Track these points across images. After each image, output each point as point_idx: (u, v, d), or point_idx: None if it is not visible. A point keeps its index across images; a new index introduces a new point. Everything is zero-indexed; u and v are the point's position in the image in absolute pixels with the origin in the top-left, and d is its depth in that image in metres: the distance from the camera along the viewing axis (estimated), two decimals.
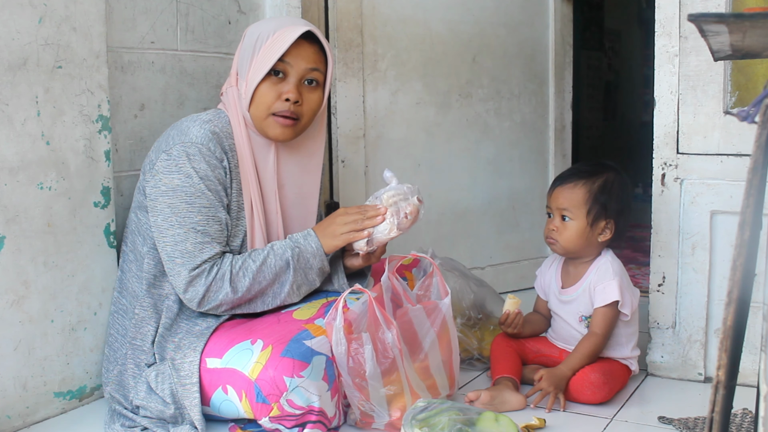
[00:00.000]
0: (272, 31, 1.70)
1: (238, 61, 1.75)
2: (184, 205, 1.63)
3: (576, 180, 1.90)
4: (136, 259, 1.74)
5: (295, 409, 1.53)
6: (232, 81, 1.76)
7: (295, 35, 1.67)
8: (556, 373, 1.83)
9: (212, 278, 1.63)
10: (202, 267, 1.63)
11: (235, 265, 1.65)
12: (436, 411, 1.51)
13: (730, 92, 1.91)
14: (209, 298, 1.64)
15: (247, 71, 1.70)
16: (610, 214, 1.89)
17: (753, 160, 0.97)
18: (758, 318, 1.81)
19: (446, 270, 2.15)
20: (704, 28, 1.00)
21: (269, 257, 1.67)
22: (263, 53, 1.68)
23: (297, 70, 1.69)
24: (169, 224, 1.63)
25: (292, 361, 1.53)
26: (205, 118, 1.71)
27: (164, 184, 1.64)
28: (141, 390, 1.66)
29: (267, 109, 1.69)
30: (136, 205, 1.76)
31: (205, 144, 1.65)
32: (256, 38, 1.70)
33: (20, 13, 1.63)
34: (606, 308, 1.87)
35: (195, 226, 1.63)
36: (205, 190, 1.64)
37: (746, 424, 1.65)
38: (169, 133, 1.71)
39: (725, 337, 0.97)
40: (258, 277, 1.66)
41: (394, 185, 1.74)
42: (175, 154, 1.64)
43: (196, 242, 1.63)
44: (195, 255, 1.63)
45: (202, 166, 1.64)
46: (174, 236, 1.63)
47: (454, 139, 2.70)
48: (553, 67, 2.94)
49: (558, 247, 1.92)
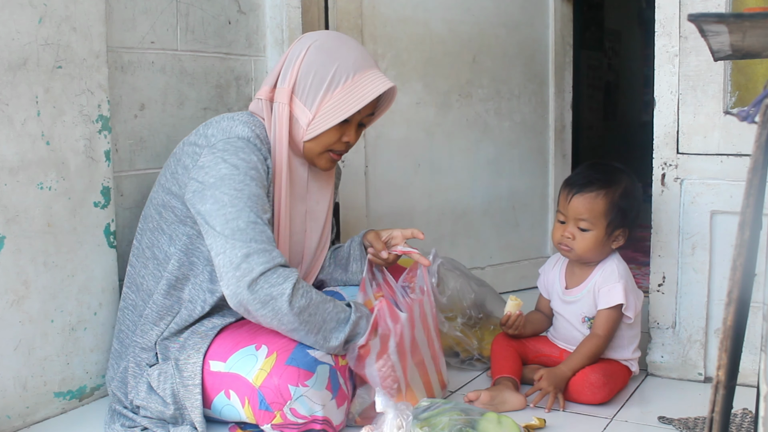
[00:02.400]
0: (351, 70, 1.67)
1: (296, 79, 1.69)
2: (234, 192, 1.58)
3: (596, 189, 1.86)
4: (155, 257, 1.71)
5: (298, 418, 1.53)
6: (282, 97, 1.70)
7: (379, 91, 1.67)
8: (556, 372, 1.83)
9: (272, 268, 1.53)
10: (258, 246, 1.53)
11: (301, 281, 1.56)
12: (438, 411, 1.50)
13: (730, 92, 1.91)
14: (262, 285, 1.51)
15: (316, 104, 1.67)
16: (627, 222, 1.89)
17: (753, 160, 0.97)
18: (758, 318, 1.81)
19: (447, 270, 2.15)
20: (704, 28, 1.00)
21: (330, 303, 1.59)
22: (340, 96, 1.66)
23: (361, 116, 1.73)
24: (219, 205, 1.56)
25: (297, 370, 1.53)
26: (243, 119, 1.68)
27: (212, 176, 1.59)
28: (141, 390, 1.66)
29: (326, 147, 1.72)
30: (159, 202, 1.71)
31: (252, 140, 1.64)
32: (332, 72, 1.66)
33: (20, 13, 1.63)
34: (610, 310, 1.87)
35: (245, 208, 1.56)
36: (254, 177, 1.60)
37: (746, 424, 1.65)
38: (204, 132, 1.68)
39: (725, 337, 0.97)
40: (312, 309, 1.56)
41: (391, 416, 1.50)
42: (220, 147, 1.62)
43: (249, 221, 1.55)
44: (249, 233, 1.54)
45: (251, 157, 1.62)
46: (226, 215, 1.56)
47: (454, 139, 2.70)
48: (553, 67, 2.94)
49: (572, 254, 1.90)
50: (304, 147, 1.72)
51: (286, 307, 1.52)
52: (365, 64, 1.70)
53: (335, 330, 1.58)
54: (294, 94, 1.70)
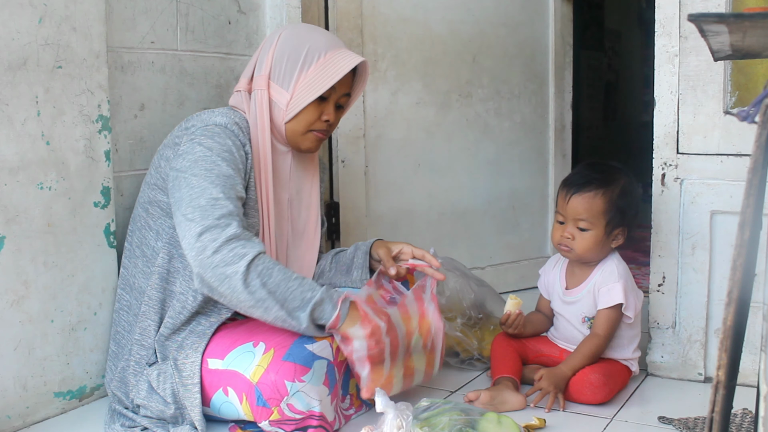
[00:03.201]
0: (323, 49, 1.72)
1: (271, 65, 1.73)
2: (204, 172, 1.59)
3: (594, 189, 1.86)
4: (144, 255, 1.73)
5: (296, 413, 1.53)
6: (261, 84, 1.73)
7: (352, 64, 1.71)
8: (556, 372, 1.83)
9: (228, 243, 1.50)
10: (211, 222, 1.52)
11: (263, 258, 1.52)
12: (438, 411, 1.50)
13: (730, 92, 1.91)
14: (215, 268, 1.49)
15: (292, 84, 1.71)
16: (625, 221, 1.89)
17: (753, 160, 0.97)
18: (758, 318, 1.81)
19: (446, 270, 2.15)
20: (704, 28, 1.00)
21: (295, 280, 1.54)
22: (315, 73, 1.70)
23: (338, 94, 1.76)
24: (188, 187, 1.57)
25: (294, 366, 1.53)
26: (224, 111, 1.72)
27: (187, 160, 1.62)
28: (142, 389, 1.66)
29: (307, 126, 1.74)
30: (145, 200, 1.74)
31: (229, 126, 1.67)
32: (304, 51, 1.71)
33: (20, 13, 1.63)
34: (609, 310, 1.87)
35: (211, 186, 1.56)
36: (226, 159, 1.62)
37: (746, 424, 1.65)
38: (185, 125, 1.72)
39: (725, 337, 0.97)
40: (272, 286, 1.52)
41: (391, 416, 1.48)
42: (198, 133, 1.65)
43: (211, 198, 1.55)
44: (208, 210, 1.53)
45: (226, 141, 1.65)
46: (190, 196, 1.56)
47: (454, 139, 2.70)
48: (553, 67, 2.94)
49: (572, 254, 1.91)
50: (287, 129, 1.74)
51: (241, 285, 1.49)
52: (335, 45, 1.76)
53: (299, 309, 1.53)
54: (271, 80, 1.74)
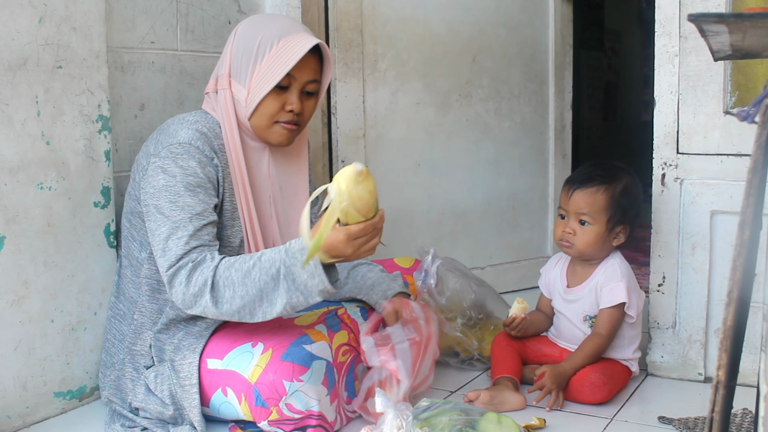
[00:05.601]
0: (275, 37, 1.66)
1: (230, 62, 1.70)
2: (168, 204, 1.58)
3: (597, 185, 1.88)
4: (131, 265, 1.73)
5: (294, 413, 1.53)
6: (223, 83, 1.70)
7: (304, 50, 1.63)
8: (559, 370, 1.82)
9: (192, 280, 1.52)
10: (179, 263, 1.54)
11: (219, 272, 1.52)
12: (438, 411, 1.50)
13: (730, 92, 1.91)
14: (192, 303, 1.53)
15: (248, 79, 1.67)
16: (627, 219, 1.90)
17: (753, 160, 0.97)
18: (758, 318, 1.81)
19: (447, 270, 2.15)
20: (704, 28, 1.00)
21: (254, 269, 1.51)
22: (268, 64, 1.65)
23: (300, 82, 1.68)
24: (156, 225, 1.58)
25: (292, 365, 1.53)
26: (191, 119, 1.68)
27: (152, 186, 1.60)
28: (139, 392, 1.66)
29: (270, 119, 1.69)
30: (128, 210, 1.74)
31: (193, 143, 1.62)
32: (257, 43, 1.66)
33: (20, 13, 1.63)
34: (612, 309, 1.87)
35: (177, 223, 1.57)
36: (190, 186, 1.59)
37: (746, 424, 1.65)
38: (156, 137, 1.68)
39: (725, 337, 0.97)
40: (240, 291, 1.51)
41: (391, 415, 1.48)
42: (163, 155, 1.61)
43: (175, 238, 1.55)
44: (170, 250, 1.55)
45: (190, 163, 1.60)
46: (159, 236, 1.57)
47: (454, 139, 2.70)
48: (553, 67, 2.94)
49: (573, 250, 1.91)
50: (252, 126, 1.70)
51: (216, 310, 1.52)
52: (290, 30, 1.68)
53: (275, 289, 1.50)
54: (231, 77, 1.70)
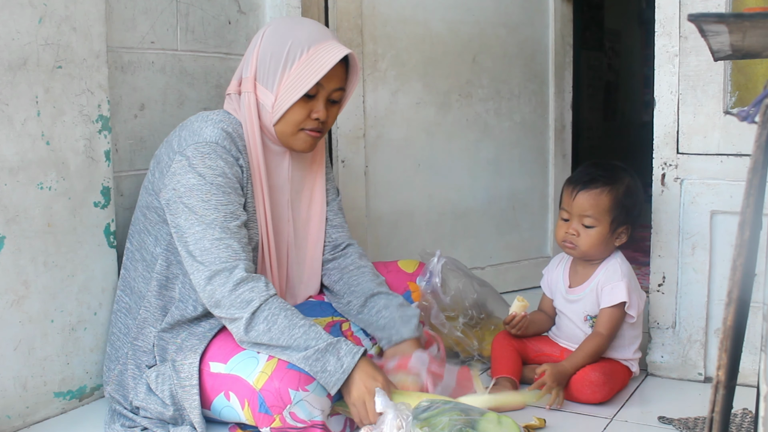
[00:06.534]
0: (306, 44, 1.66)
1: (256, 65, 1.69)
2: (200, 204, 1.59)
3: (601, 186, 1.88)
4: (144, 259, 1.73)
5: (298, 422, 1.52)
6: (248, 86, 1.70)
7: (335, 60, 1.64)
8: (559, 368, 1.82)
9: (239, 290, 1.55)
10: (225, 265, 1.57)
11: (270, 305, 1.56)
12: (438, 411, 1.50)
13: (730, 92, 1.91)
14: (223, 306, 1.56)
15: (276, 85, 1.67)
16: (630, 219, 1.90)
17: (753, 160, 0.97)
18: (758, 318, 1.81)
19: (449, 270, 2.15)
20: (704, 28, 1.00)
21: (299, 329, 1.54)
22: (298, 71, 1.65)
23: (327, 90, 1.69)
24: (189, 224, 1.59)
25: (298, 374, 1.53)
26: (216, 118, 1.68)
27: (182, 185, 1.61)
28: (140, 391, 1.66)
29: (296, 126, 1.69)
30: (143, 204, 1.73)
31: (220, 142, 1.63)
32: (286, 49, 1.66)
33: (20, 13, 1.63)
34: (613, 309, 1.87)
35: (213, 223, 1.59)
36: (221, 186, 1.61)
37: (746, 424, 1.65)
38: (179, 133, 1.69)
39: (725, 337, 0.97)
40: (275, 336, 1.54)
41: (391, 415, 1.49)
42: (189, 154, 1.62)
43: (214, 239, 1.58)
44: (213, 252, 1.57)
45: (219, 163, 1.62)
46: (194, 234, 1.59)
47: (454, 139, 2.70)
48: (553, 67, 2.94)
49: (577, 251, 1.91)
50: (276, 131, 1.71)
51: (242, 332, 1.56)
52: (320, 37, 1.68)
53: (299, 354, 1.53)
54: (257, 81, 1.70)
